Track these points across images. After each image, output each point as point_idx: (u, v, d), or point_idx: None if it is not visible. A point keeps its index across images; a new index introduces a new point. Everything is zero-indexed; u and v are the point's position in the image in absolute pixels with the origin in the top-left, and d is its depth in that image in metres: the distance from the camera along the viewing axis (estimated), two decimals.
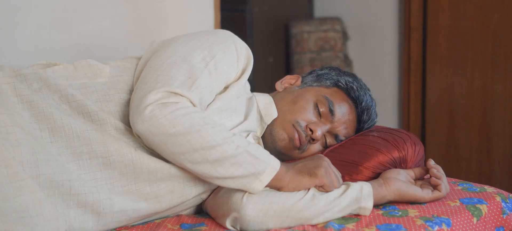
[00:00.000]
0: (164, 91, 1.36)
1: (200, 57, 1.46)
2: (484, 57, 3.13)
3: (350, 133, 1.67)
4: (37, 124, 1.35)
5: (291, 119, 1.61)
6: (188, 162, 1.37)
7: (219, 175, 1.37)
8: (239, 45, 1.54)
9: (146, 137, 1.36)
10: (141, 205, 1.40)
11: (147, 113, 1.33)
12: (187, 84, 1.40)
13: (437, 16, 3.30)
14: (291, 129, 1.60)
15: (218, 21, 2.51)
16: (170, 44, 1.51)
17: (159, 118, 1.33)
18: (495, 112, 3.13)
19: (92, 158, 1.36)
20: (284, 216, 1.40)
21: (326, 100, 1.63)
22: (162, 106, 1.34)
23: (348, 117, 1.66)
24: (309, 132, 1.60)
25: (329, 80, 1.69)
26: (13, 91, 1.36)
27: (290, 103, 1.64)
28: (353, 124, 1.68)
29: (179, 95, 1.37)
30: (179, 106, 1.35)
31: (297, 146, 1.60)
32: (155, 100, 1.34)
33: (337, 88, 1.68)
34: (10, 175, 1.23)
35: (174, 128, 1.33)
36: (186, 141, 1.34)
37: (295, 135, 1.60)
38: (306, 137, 1.60)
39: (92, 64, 1.50)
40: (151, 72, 1.42)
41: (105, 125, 1.40)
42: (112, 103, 1.44)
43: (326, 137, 1.64)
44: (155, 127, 1.34)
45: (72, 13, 2.13)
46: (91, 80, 1.46)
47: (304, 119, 1.61)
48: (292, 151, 1.62)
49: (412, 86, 3.41)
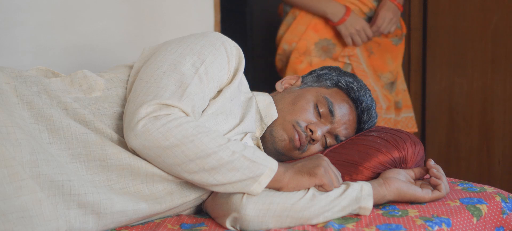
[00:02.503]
0: (155, 104, 1.35)
1: (189, 64, 1.45)
2: (484, 57, 3.13)
3: (350, 133, 1.67)
4: (37, 125, 1.35)
5: (291, 120, 1.61)
6: (185, 173, 1.37)
7: (217, 182, 1.37)
8: (229, 46, 1.53)
9: (141, 151, 1.36)
10: (141, 205, 1.40)
11: (139, 128, 1.33)
12: (177, 93, 1.39)
13: (437, 16, 3.30)
14: (291, 129, 1.60)
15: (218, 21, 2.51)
16: (160, 52, 1.50)
17: (152, 131, 1.33)
18: (495, 113, 3.13)
19: (90, 160, 1.37)
20: (284, 216, 1.40)
21: (326, 101, 1.63)
22: (154, 120, 1.33)
23: (348, 117, 1.66)
24: (309, 132, 1.60)
25: (329, 81, 1.69)
26: (13, 92, 1.36)
27: (290, 104, 1.64)
28: (353, 124, 1.68)
29: (170, 106, 1.36)
30: (171, 118, 1.34)
31: (297, 147, 1.60)
32: (146, 114, 1.34)
33: (337, 88, 1.68)
34: (11, 175, 1.23)
35: (168, 140, 1.33)
36: (180, 152, 1.34)
37: (295, 136, 1.60)
38: (306, 137, 1.60)
39: (88, 76, 1.49)
40: (141, 84, 1.42)
41: (102, 133, 1.40)
42: (107, 117, 1.44)
43: (326, 137, 1.64)
44: (149, 141, 1.33)
45: (72, 13, 2.13)
46: (86, 95, 1.46)
47: (304, 120, 1.61)
48: (292, 151, 1.62)
49: (412, 86, 3.41)
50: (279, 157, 1.62)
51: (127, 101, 1.43)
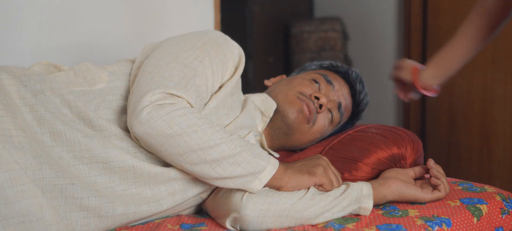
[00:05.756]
0: (160, 92, 1.35)
1: (193, 57, 1.46)
2: (484, 57, 3.12)
3: (349, 105, 1.71)
4: (39, 128, 1.35)
5: (294, 93, 1.64)
6: (186, 163, 1.37)
7: (218, 175, 1.37)
8: (231, 44, 1.55)
9: (144, 139, 1.36)
10: (142, 208, 1.40)
11: (144, 115, 1.33)
12: (182, 84, 1.40)
13: (437, 16, 3.30)
14: (297, 100, 1.63)
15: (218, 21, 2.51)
16: (162, 46, 1.51)
17: (156, 119, 1.33)
18: (495, 112, 3.13)
19: (93, 163, 1.36)
20: (284, 216, 1.40)
21: (320, 75, 1.68)
22: (159, 108, 1.34)
23: (344, 87, 1.71)
24: (315, 99, 1.62)
25: (313, 66, 1.77)
26: (16, 94, 1.35)
27: (286, 85, 1.68)
28: (350, 97, 1.72)
29: (175, 96, 1.37)
30: (175, 107, 1.34)
31: (307, 116, 1.62)
32: (151, 102, 1.34)
33: (323, 69, 1.74)
34: (12, 179, 1.22)
35: (171, 129, 1.33)
36: (183, 142, 1.34)
37: (304, 105, 1.62)
38: (313, 104, 1.63)
39: (91, 68, 1.50)
40: (145, 75, 1.42)
41: (105, 131, 1.40)
42: (110, 110, 1.44)
43: (331, 110, 1.66)
44: (152, 129, 1.33)
45: (72, 13, 2.13)
46: (90, 87, 1.46)
47: (306, 91, 1.64)
48: (302, 124, 1.63)
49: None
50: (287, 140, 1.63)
51: (130, 92, 1.43)
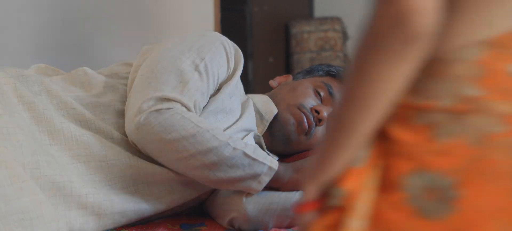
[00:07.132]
0: (157, 97, 1.35)
1: (190, 61, 1.45)
2: None
3: None
4: (37, 126, 1.35)
5: (295, 103, 1.61)
6: (185, 168, 1.36)
7: (217, 178, 1.36)
8: (228, 45, 1.54)
9: (142, 144, 1.36)
10: (141, 206, 1.40)
11: (141, 121, 1.33)
12: (178, 88, 1.39)
13: None
14: (298, 112, 1.60)
15: (218, 21, 2.51)
16: (159, 49, 1.50)
17: (153, 124, 1.33)
18: None
19: (90, 161, 1.36)
20: (284, 215, 1.40)
21: (324, 85, 1.65)
22: (156, 113, 1.33)
23: None
24: (315, 113, 1.60)
25: (321, 71, 1.73)
26: (14, 92, 1.36)
27: (289, 92, 1.65)
28: None
29: (172, 100, 1.36)
30: (173, 111, 1.34)
31: (305, 129, 1.59)
32: (148, 108, 1.33)
33: (329, 77, 1.71)
34: (11, 177, 1.22)
35: (170, 134, 1.32)
36: (182, 146, 1.33)
37: (303, 118, 1.59)
38: (313, 118, 1.60)
39: (88, 73, 1.49)
40: (142, 79, 1.41)
41: (103, 133, 1.40)
42: (107, 114, 1.44)
43: None
44: (150, 134, 1.33)
45: (72, 13, 2.13)
46: (86, 92, 1.46)
47: (308, 102, 1.62)
48: (300, 136, 1.61)
49: None
50: (284, 148, 1.62)
51: (128, 97, 1.43)
